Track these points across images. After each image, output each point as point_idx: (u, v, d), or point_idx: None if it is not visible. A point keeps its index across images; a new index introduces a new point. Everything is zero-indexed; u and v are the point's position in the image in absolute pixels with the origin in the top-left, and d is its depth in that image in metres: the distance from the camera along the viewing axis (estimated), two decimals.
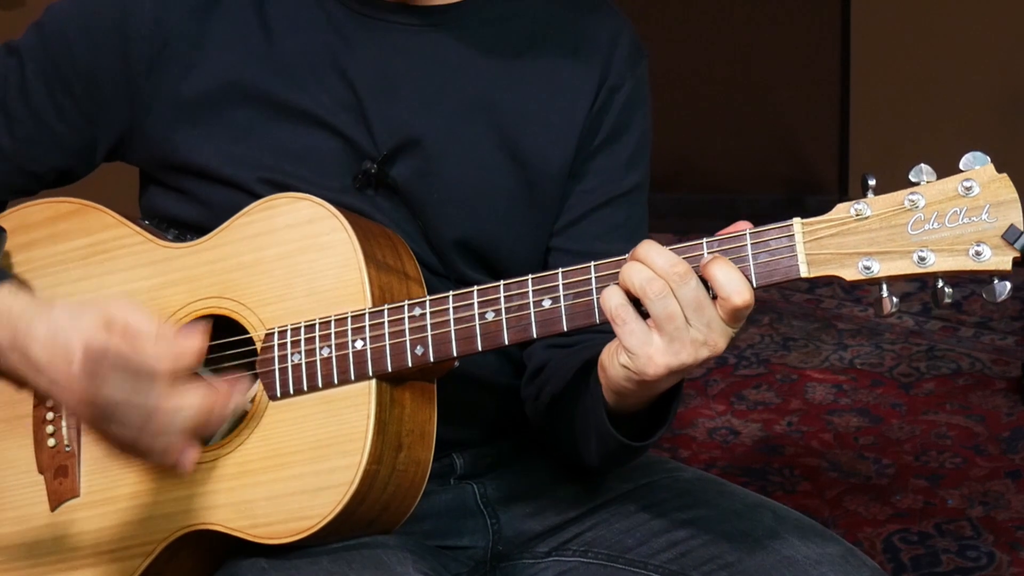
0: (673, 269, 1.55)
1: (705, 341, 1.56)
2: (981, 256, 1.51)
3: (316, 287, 1.72)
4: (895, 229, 1.54)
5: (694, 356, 1.56)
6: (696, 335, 1.56)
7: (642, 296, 1.56)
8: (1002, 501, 3.06)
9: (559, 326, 1.64)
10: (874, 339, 3.71)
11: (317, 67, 1.80)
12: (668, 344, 1.56)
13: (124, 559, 1.74)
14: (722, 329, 1.56)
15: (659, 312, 1.55)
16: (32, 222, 1.86)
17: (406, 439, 1.70)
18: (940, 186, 1.53)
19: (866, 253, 1.54)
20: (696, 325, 1.55)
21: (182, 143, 1.81)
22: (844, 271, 1.55)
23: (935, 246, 1.52)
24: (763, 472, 3.20)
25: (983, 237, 1.51)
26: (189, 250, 1.79)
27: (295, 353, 1.71)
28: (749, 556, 1.73)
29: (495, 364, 1.87)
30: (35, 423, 1.81)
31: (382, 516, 1.71)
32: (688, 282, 1.55)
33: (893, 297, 1.54)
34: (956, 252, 1.51)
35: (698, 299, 1.55)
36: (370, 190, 1.80)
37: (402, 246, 1.77)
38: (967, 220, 1.52)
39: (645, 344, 1.57)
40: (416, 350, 1.68)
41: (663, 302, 1.55)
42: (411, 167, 1.81)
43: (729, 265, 1.56)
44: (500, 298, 1.66)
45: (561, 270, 1.64)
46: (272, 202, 1.76)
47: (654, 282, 1.56)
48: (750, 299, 1.55)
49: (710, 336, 1.56)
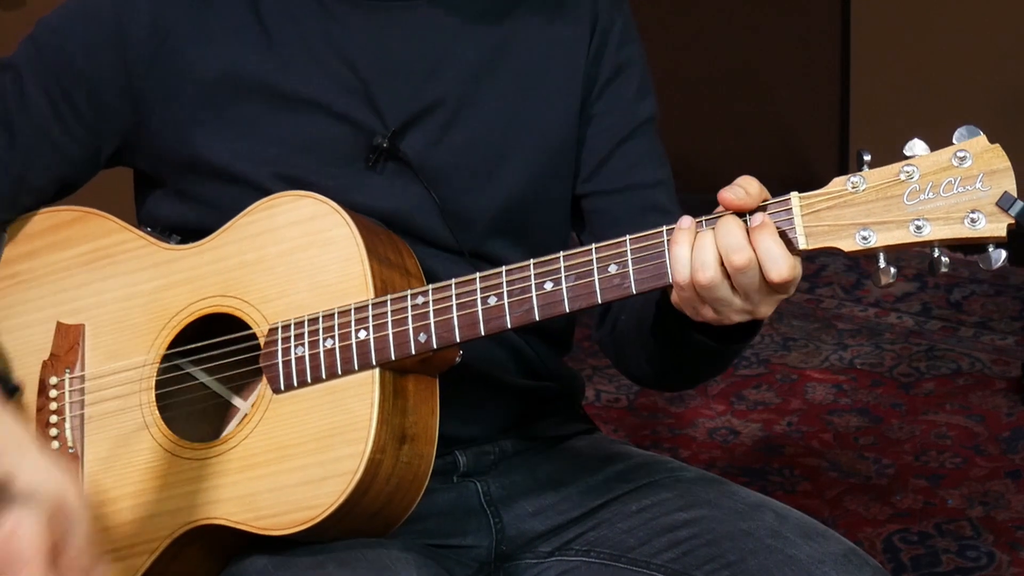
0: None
1: (749, 310, 1.60)
2: (976, 224, 1.53)
3: (318, 282, 1.73)
4: (891, 200, 1.56)
5: (739, 318, 1.61)
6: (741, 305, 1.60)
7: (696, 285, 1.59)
8: (1002, 501, 3.06)
9: (561, 308, 1.65)
10: (874, 339, 3.71)
11: (317, 55, 1.81)
12: (714, 312, 1.61)
13: (128, 557, 1.75)
14: (765, 299, 1.60)
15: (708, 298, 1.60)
16: (34, 231, 1.86)
17: (409, 431, 1.70)
18: (934, 157, 1.57)
19: (863, 224, 1.56)
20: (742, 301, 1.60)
21: (188, 141, 1.81)
22: (842, 242, 1.57)
23: (931, 215, 1.55)
24: (763, 472, 3.20)
25: (978, 205, 1.54)
26: (191, 251, 1.79)
27: (299, 346, 1.72)
28: (751, 556, 1.74)
29: (499, 361, 1.87)
30: (38, 426, 1.82)
31: (385, 509, 1.71)
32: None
33: (891, 268, 1.56)
34: (952, 220, 1.54)
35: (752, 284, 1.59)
36: (383, 166, 1.80)
37: (403, 245, 1.78)
38: (961, 189, 1.55)
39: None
40: (419, 337, 1.68)
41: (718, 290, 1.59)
42: (422, 139, 1.82)
43: (775, 239, 1.57)
44: (502, 283, 1.67)
45: (562, 253, 1.65)
46: (274, 201, 1.76)
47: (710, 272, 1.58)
48: (787, 275, 1.56)
49: (753, 307, 1.60)
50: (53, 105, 1.83)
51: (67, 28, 1.83)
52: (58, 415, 1.81)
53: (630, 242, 1.63)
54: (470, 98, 1.84)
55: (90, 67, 1.81)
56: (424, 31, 1.83)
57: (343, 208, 1.73)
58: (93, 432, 1.80)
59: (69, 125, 1.84)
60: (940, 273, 1.56)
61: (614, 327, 1.88)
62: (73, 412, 1.81)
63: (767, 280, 1.57)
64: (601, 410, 3.42)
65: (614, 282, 1.63)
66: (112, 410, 1.80)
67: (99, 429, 1.80)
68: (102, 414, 1.80)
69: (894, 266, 1.56)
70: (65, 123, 1.84)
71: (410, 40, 1.83)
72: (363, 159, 1.81)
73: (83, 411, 1.81)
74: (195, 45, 1.80)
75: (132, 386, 1.79)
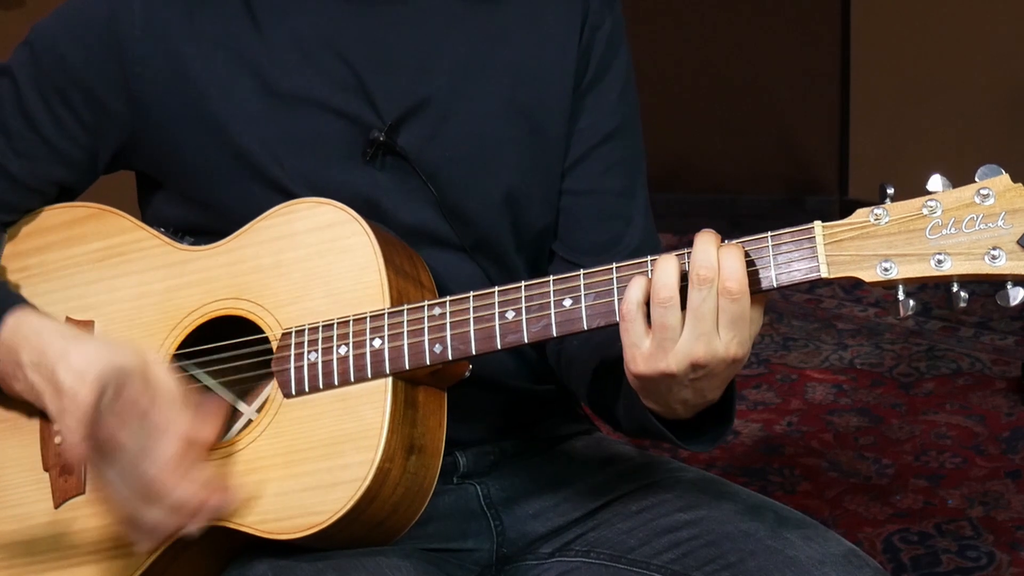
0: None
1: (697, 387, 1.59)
2: (997, 260, 1.54)
3: (334, 289, 1.73)
4: (913, 234, 1.57)
5: (678, 365, 1.58)
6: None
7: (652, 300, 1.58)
8: (1002, 501, 3.06)
9: (579, 325, 1.65)
10: (874, 339, 3.72)
11: (310, 51, 1.81)
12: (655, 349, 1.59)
13: (127, 556, 1.74)
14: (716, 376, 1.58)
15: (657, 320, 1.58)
16: (48, 226, 1.86)
17: (418, 442, 1.70)
18: (957, 194, 1.57)
19: (885, 256, 1.57)
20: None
21: (185, 141, 1.81)
22: (863, 273, 1.57)
23: (952, 250, 1.55)
24: (763, 472, 3.20)
25: (999, 243, 1.55)
26: (206, 253, 1.79)
27: (312, 351, 1.72)
28: (751, 556, 1.74)
29: (502, 364, 1.87)
30: (41, 421, 1.81)
31: (390, 519, 1.71)
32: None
33: (910, 300, 1.57)
34: (972, 256, 1.55)
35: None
36: (380, 161, 1.81)
37: (417, 258, 1.78)
38: (983, 226, 1.55)
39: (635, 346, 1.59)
40: (435, 348, 1.68)
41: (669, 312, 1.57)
42: (418, 133, 1.82)
43: (734, 251, 1.57)
44: (521, 297, 1.67)
45: (583, 271, 1.66)
46: (293, 206, 1.76)
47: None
48: (742, 285, 1.56)
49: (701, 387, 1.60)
50: (50, 109, 1.83)
51: (62, 31, 1.83)
52: None
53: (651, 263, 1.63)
54: (465, 91, 1.84)
55: (86, 69, 1.81)
56: (417, 24, 1.84)
57: (362, 216, 1.73)
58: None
59: (67, 129, 1.84)
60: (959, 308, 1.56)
61: (561, 342, 1.87)
62: None
63: (722, 286, 1.56)
64: None
65: None
66: None
67: None
68: None
69: (913, 299, 1.57)
70: (63, 127, 1.83)
71: (403, 33, 1.83)
72: (360, 154, 1.81)
73: None
74: (189, 43, 1.80)
75: None
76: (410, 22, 1.83)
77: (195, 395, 1.71)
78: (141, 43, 1.80)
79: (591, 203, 1.90)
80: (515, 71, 1.86)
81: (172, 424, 1.64)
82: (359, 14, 1.82)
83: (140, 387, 1.64)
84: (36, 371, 1.69)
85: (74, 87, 1.82)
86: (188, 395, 1.67)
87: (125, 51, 1.80)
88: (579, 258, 1.87)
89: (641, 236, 1.91)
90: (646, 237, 1.91)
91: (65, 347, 1.68)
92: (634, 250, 1.88)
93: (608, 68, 1.90)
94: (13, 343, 1.72)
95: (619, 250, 1.88)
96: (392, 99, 1.81)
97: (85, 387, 1.63)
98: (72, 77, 1.81)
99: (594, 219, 1.89)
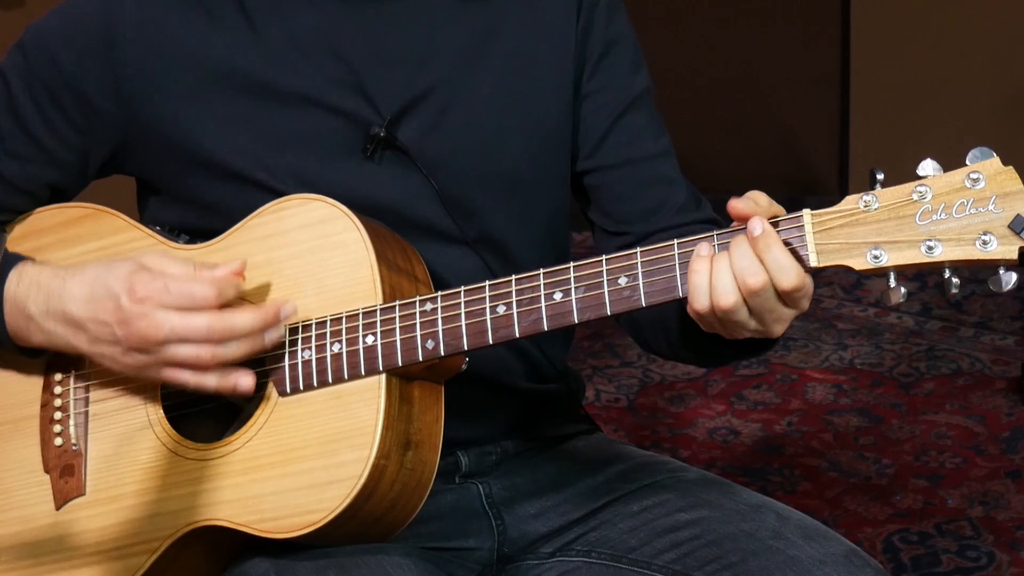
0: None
1: (760, 331, 1.63)
2: (988, 245, 1.53)
3: (326, 286, 1.73)
4: (903, 220, 1.56)
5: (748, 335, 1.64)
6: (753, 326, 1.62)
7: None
8: (1002, 501, 3.06)
9: (570, 319, 1.65)
10: (874, 339, 3.72)
11: (306, 49, 1.81)
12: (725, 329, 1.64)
13: (128, 556, 1.75)
14: (778, 320, 1.62)
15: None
16: (43, 227, 1.86)
17: (414, 437, 1.70)
18: (947, 178, 1.56)
19: (875, 243, 1.56)
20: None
21: (181, 141, 1.81)
22: (853, 261, 1.57)
23: (943, 236, 1.54)
24: (763, 472, 3.20)
25: (990, 227, 1.53)
26: (200, 252, 1.79)
27: (305, 349, 1.72)
28: (753, 556, 1.74)
29: (503, 363, 1.87)
30: (42, 423, 1.82)
31: (388, 515, 1.71)
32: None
33: (901, 287, 1.56)
34: (963, 242, 1.54)
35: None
36: (380, 156, 1.81)
37: (412, 251, 1.78)
38: (974, 211, 1.54)
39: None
40: (427, 344, 1.69)
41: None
42: (417, 127, 1.82)
43: (781, 248, 1.58)
44: (512, 291, 1.67)
45: (572, 264, 1.66)
46: (284, 203, 1.76)
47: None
48: (796, 281, 1.57)
49: (766, 328, 1.62)
50: (42, 111, 1.83)
51: (54, 33, 1.83)
52: (62, 412, 1.81)
53: (641, 255, 1.64)
54: (463, 82, 1.84)
55: (78, 71, 1.81)
56: (413, 18, 1.84)
57: (352, 211, 1.73)
58: (97, 430, 1.80)
59: (59, 130, 1.83)
60: (951, 294, 1.55)
61: None
62: (77, 409, 1.81)
63: (779, 289, 1.57)
64: (601, 410, 3.42)
65: (624, 294, 1.64)
66: (116, 408, 1.80)
67: (103, 427, 1.80)
68: (106, 412, 1.80)
69: (904, 286, 1.56)
70: (55, 128, 1.83)
71: (399, 28, 1.83)
72: (360, 150, 1.81)
73: (87, 408, 1.81)
74: (183, 44, 1.80)
75: (137, 385, 1.79)
76: (406, 17, 1.83)
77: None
78: (133, 45, 1.80)
79: (628, 173, 1.90)
80: (514, 60, 1.86)
81: (199, 290, 1.68)
82: (354, 11, 1.82)
83: (147, 279, 1.68)
84: (48, 318, 1.73)
85: (65, 89, 1.81)
86: (190, 261, 1.72)
87: (117, 52, 1.80)
88: (628, 227, 1.88)
89: (685, 193, 1.91)
90: (690, 192, 1.91)
91: (64, 284, 1.73)
92: (681, 207, 1.89)
93: (613, 42, 1.90)
94: (16, 299, 1.75)
95: (667, 210, 1.88)
96: (390, 94, 1.81)
97: (100, 310, 1.69)
98: (63, 79, 1.81)
99: (636, 187, 1.89)
